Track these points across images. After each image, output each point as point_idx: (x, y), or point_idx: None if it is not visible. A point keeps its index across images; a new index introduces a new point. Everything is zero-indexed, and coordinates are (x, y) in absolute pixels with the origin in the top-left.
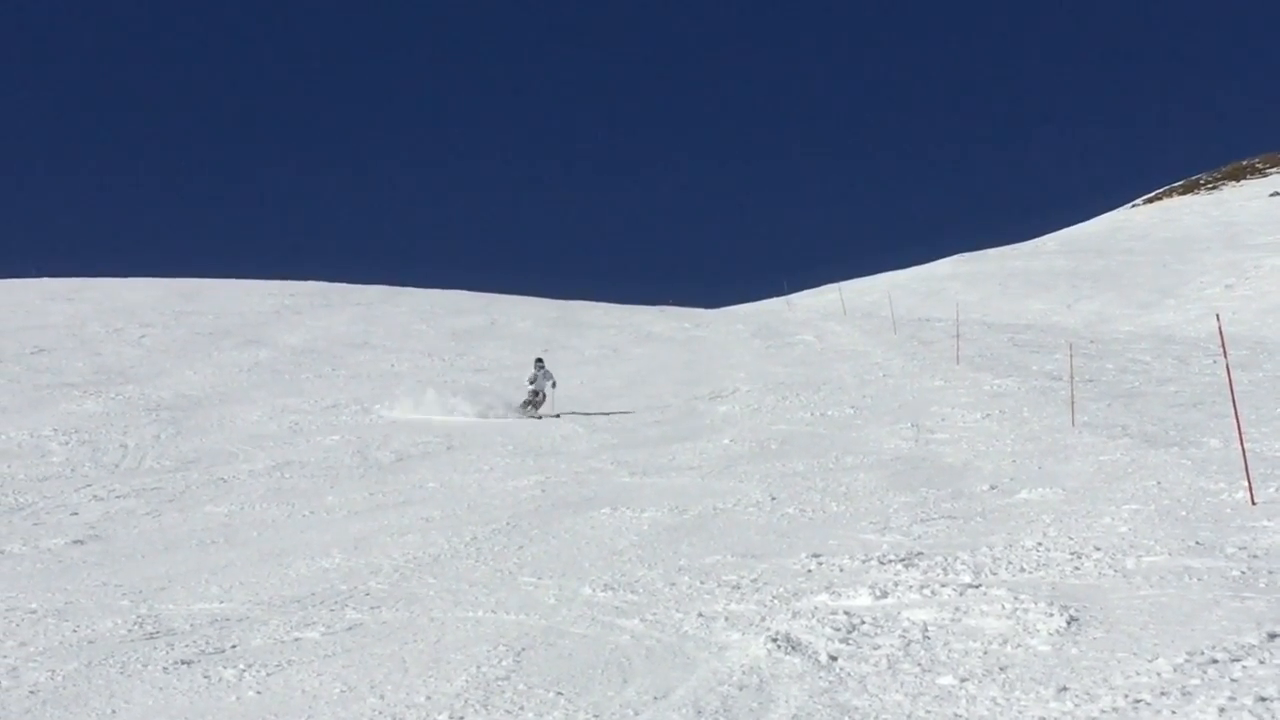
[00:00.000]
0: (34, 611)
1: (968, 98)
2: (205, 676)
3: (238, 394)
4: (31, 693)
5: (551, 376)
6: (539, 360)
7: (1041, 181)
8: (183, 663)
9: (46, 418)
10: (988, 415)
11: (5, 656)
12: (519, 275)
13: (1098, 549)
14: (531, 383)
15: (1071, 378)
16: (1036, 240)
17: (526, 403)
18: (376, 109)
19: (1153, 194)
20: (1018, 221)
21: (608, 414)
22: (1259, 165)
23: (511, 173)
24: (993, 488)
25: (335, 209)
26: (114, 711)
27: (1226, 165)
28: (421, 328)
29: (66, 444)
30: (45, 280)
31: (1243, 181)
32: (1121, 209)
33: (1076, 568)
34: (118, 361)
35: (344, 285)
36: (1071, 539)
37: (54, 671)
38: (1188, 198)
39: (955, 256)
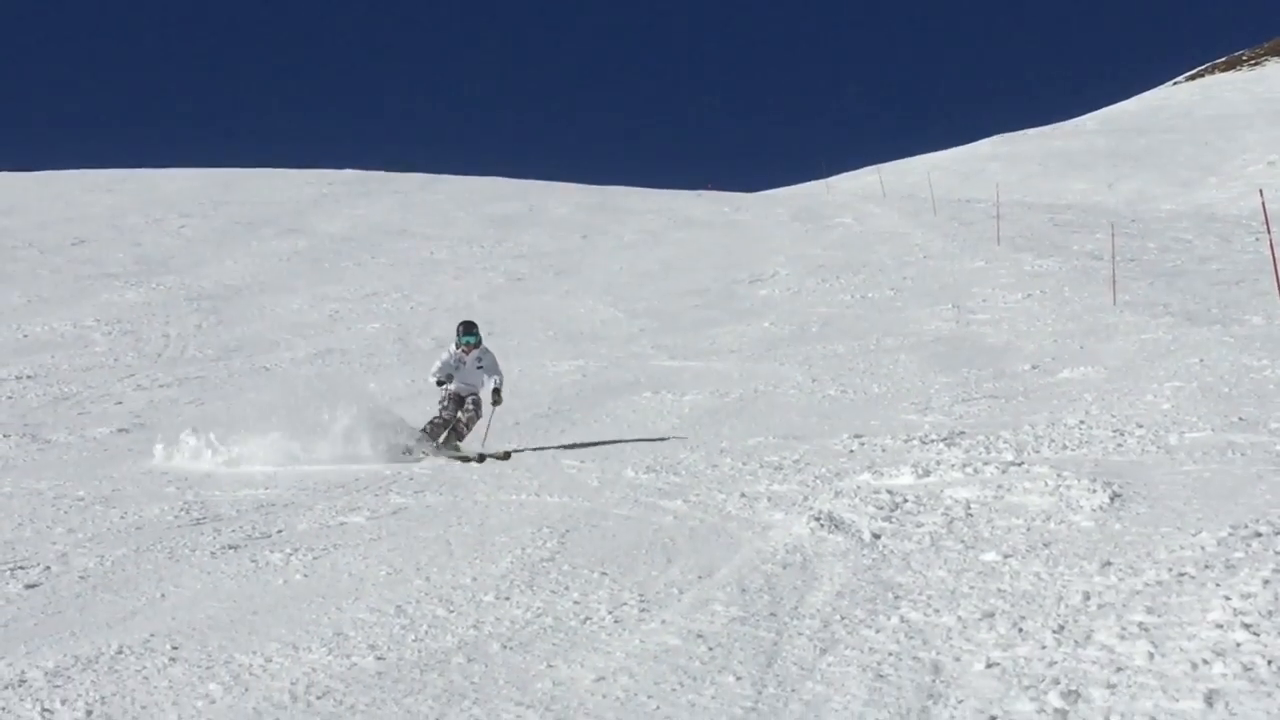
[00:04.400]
0: (81, 499)
1: None
2: (252, 561)
3: (278, 283)
4: (81, 578)
5: (497, 370)
6: (467, 331)
7: (1082, 61)
8: (230, 547)
9: (88, 308)
10: (1029, 295)
11: (55, 543)
12: (557, 162)
13: (1140, 426)
14: (448, 381)
15: (1113, 257)
16: (1076, 120)
17: (438, 427)
18: None
19: (1194, 71)
20: (1058, 101)
21: (647, 298)
22: None
23: (550, 60)
24: (1034, 367)
25: (373, 98)
26: (163, 595)
27: (1269, 41)
28: (460, 215)
29: (109, 334)
30: (84, 172)
31: None
32: (1162, 87)
33: (1119, 445)
34: (158, 252)
35: (382, 173)
36: (1114, 416)
37: (103, 557)
38: (1229, 74)
39: (995, 137)
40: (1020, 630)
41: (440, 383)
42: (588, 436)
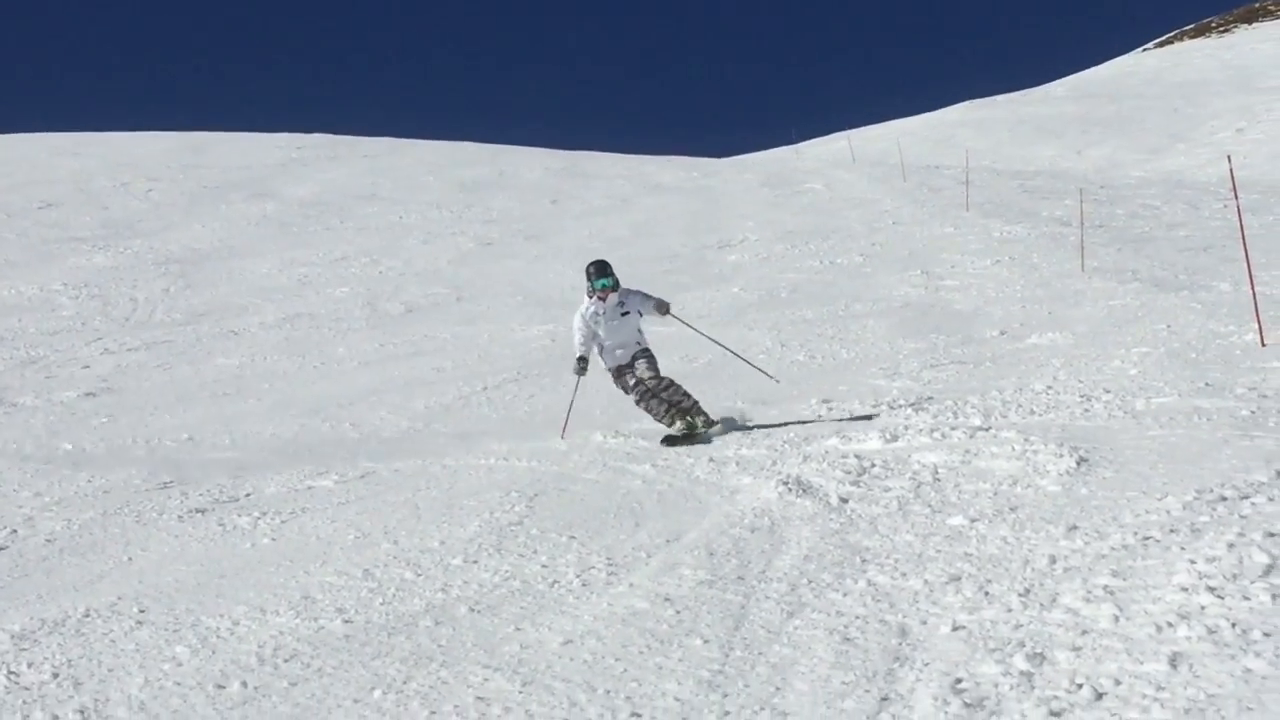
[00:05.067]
0: (49, 463)
1: None
2: (220, 524)
3: (246, 247)
4: (48, 541)
5: (648, 298)
6: (600, 274)
7: (1051, 27)
8: (197, 511)
9: (56, 272)
10: (997, 261)
11: (21, 506)
12: (525, 127)
13: (1107, 391)
14: (600, 354)
15: (1081, 223)
16: (1046, 86)
17: (656, 404)
18: None
19: (1164, 38)
20: (1028, 67)
21: (617, 263)
22: (1271, 7)
23: (520, 23)
24: (1002, 333)
25: (340, 61)
26: (130, 559)
27: (1238, 8)
28: (429, 179)
29: (76, 298)
30: (50, 135)
31: (1255, 24)
32: (1132, 53)
33: (1086, 410)
34: (125, 215)
35: (351, 137)
36: (1081, 382)
37: (70, 520)
38: (1199, 41)
39: (964, 103)
40: (986, 594)
41: (583, 360)
42: (556, 401)
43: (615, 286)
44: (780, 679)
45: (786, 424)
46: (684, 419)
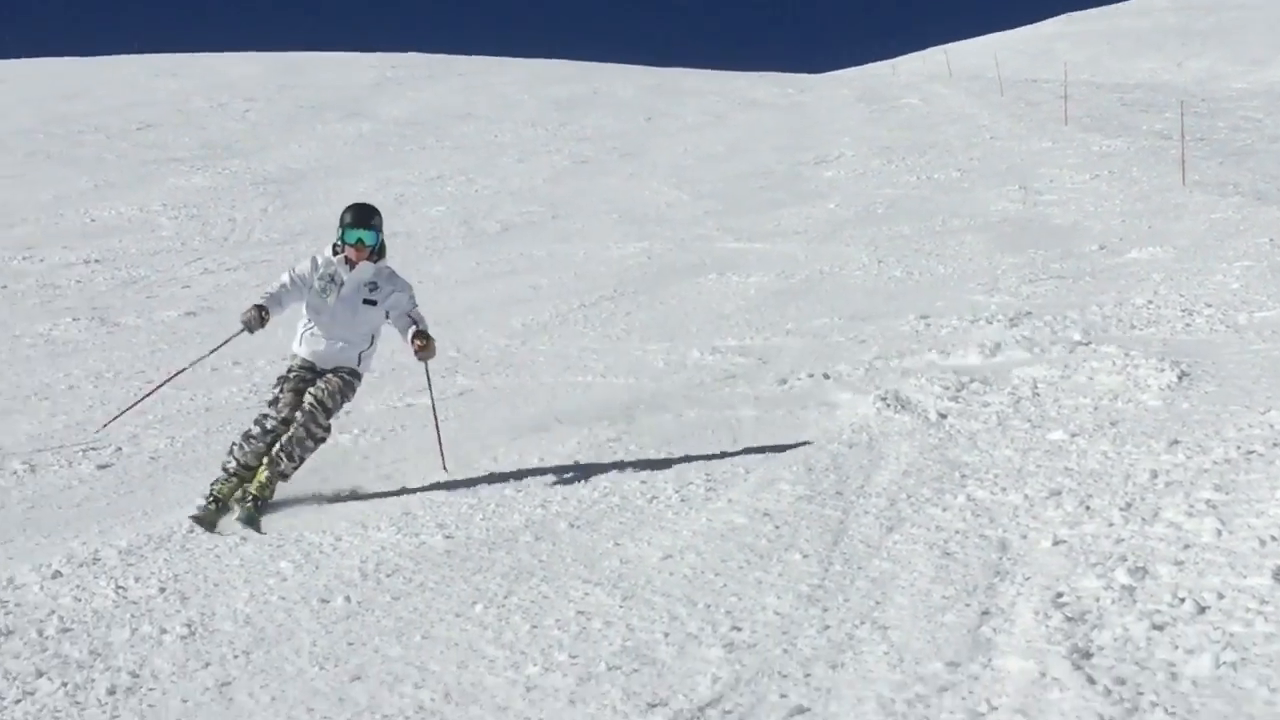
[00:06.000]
0: (151, 381)
1: None
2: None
3: (342, 167)
4: (152, 458)
5: (411, 303)
6: (359, 221)
7: None
8: None
9: (155, 193)
10: (1096, 176)
11: (125, 424)
12: (619, 44)
13: (1209, 305)
14: (307, 323)
15: (1182, 136)
16: None
17: (249, 443)
18: None
19: None
20: None
21: (712, 180)
22: None
23: None
24: (1102, 248)
25: None
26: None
27: None
28: (524, 98)
29: (175, 219)
30: (149, 56)
31: None
32: None
33: (1187, 324)
34: (223, 136)
35: (445, 56)
36: (1182, 296)
37: (173, 439)
38: None
39: (1063, 16)
40: (1087, 508)
41: (262, 309)
42: (653, 319)
43: (377, 252)
44: (880, 593)
45: (884, 340)
46: (245, 502)
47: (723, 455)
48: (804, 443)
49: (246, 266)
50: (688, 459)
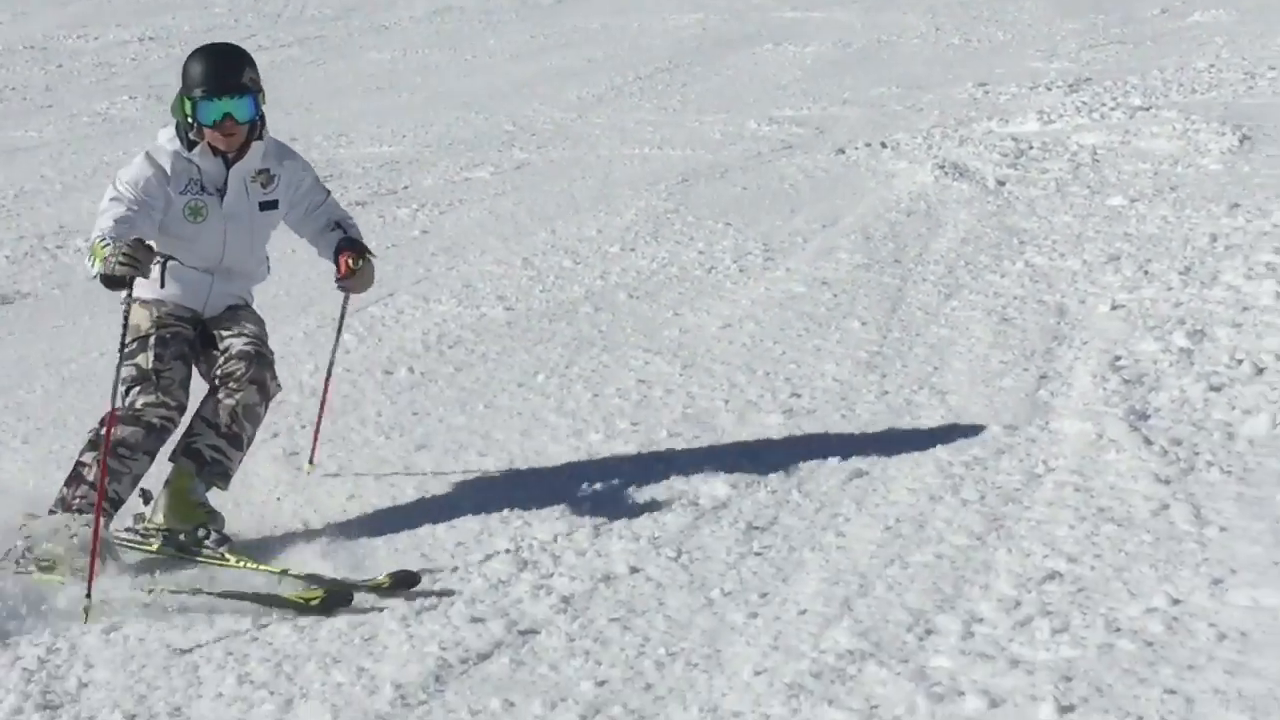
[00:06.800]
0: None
1: None
2: (380, 216)
3: None
4: None
5: (334, 208)
6: (225, 86)
7: None
8: (358, 204)
9: None
10: None
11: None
12: None
13: (1271, 68)
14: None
15: None
16: None
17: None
18: None
19: None
20: None
21: None
22: None
23: None
24: (1164, 11)
25: None
26: (293, 250)
27: None
28: None
29: None
30: None
31: None
32: None
33: (1249, 87)
34: None
35: None
36: (1244, 59)
37: None
38: None
39: None
40: (1146, 273)
41: (131, 260)
42: (709, 90)
43: (257, 121)
44: (938, 359)
45: (942, 109)
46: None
47: (780, 225)
48: (862, 212)
49: (300, 43)
50: (745, 229)
